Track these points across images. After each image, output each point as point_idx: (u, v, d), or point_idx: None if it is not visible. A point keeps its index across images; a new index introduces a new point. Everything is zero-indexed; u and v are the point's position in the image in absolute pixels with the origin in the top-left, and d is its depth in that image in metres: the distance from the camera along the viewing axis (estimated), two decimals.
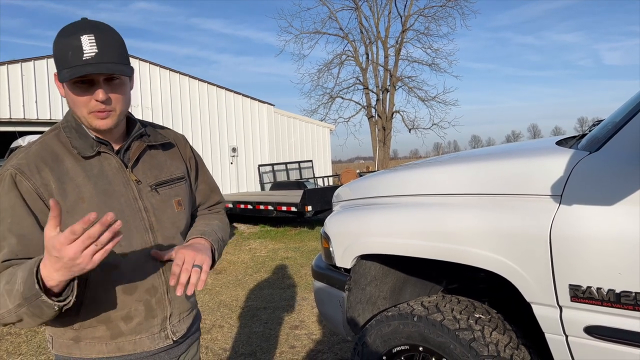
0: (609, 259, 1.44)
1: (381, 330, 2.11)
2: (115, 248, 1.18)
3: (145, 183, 1.37)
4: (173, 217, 1.41)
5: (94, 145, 1.29)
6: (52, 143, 1.29)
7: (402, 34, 28.83)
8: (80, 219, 1.09)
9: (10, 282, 1.09)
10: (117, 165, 1.33)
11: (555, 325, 1.58)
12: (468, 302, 2.04)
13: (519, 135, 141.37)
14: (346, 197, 2.62)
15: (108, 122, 1.26)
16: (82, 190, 1.25)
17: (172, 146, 1.50)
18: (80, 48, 1.18)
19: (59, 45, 1.21)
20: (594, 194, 1.51)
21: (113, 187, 1.30)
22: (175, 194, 1.43)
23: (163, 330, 1.38)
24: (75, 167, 1.27)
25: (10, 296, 1.08)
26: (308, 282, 6.14)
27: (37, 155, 1.25)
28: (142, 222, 1.33)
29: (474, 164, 2.01)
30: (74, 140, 1.29)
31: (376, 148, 28.52)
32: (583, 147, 1.67)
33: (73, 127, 1.31)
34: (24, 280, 1.07)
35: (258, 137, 18.02)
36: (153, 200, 1.37)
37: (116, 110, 1.27)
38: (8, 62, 12.75)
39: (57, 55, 1.21)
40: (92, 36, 1.19)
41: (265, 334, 4.40)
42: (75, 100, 1.23)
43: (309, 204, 9.82)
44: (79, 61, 1.18)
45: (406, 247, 2.01)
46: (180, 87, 16.02)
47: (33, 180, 1.21)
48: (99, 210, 1.22)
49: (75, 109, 1.25)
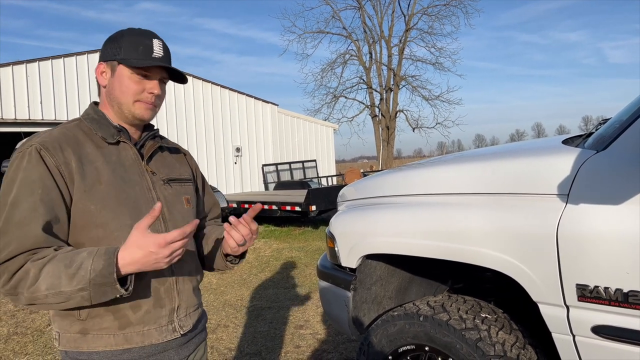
0: (616, 258, 1.43)
1: (387, 330, 2.10)
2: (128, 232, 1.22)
3: (159, 176, 1.45)
4: (183, 212, 1.47)
5: (115, 134, 1.38)
6: (74, 130, 1.36)
7: (405, 33, 28.80)
8: (97, 200, 1.28)
9: (72, 267, 1.14)
10: (134, 156, 1.41)
11: (562, 325, 1.57)
12: (474, 302, 2.04)
13: (523, 134, 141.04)
14: (351, 197, 2.62)
15: (151, 113, 1.40)
16: (101, 173, 1.31)
17: (179, 152, 1.62)
18: (151, 47, 1.36)
19: (130, 38, 1.36)
20: (601, 193, 1.51)
21: (129, 175, 1.37)
22: (185, 192, 1.52)
23: (170, 322, 1.39)
24: (95, 152, 1.34)
25: (73, 280, 1.13)
26: (313, 281, 6.14)
27: (60, 136, 1.32)
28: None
29: (479, 163, 2.00)
30: (96, 129, 1.37)
31: (380, 147, 28.49)
32: (590, 146, 1.66)
33: (94, 118, 1.39)
34: (97, 268, 1.13)
35: (262, 137, 18.03)
36: (166, 192, 1.44)
37: (157, 107, 1.42)
38: (13, 63, 12.80)
39: (126, 46, 1.35)
40: (160, 42, 1.39)
41: (270, 333, 4.40)
42: (128, 87, 1.35)
43: (313, 203, 9.83)
44: (149, 56, 1.35)
45: (412, 247, 2.00)
46: (184, 87, 16.03)
47: (56, 157, 1.26)
48: (114, 194, 1.31)
49: (123, 95, 1.36)
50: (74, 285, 1.13)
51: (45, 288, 1.14)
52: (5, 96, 12.66)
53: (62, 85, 13.50)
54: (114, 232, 1.29)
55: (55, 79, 13.40)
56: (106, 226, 1.28)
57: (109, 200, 1.29)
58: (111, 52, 1.37)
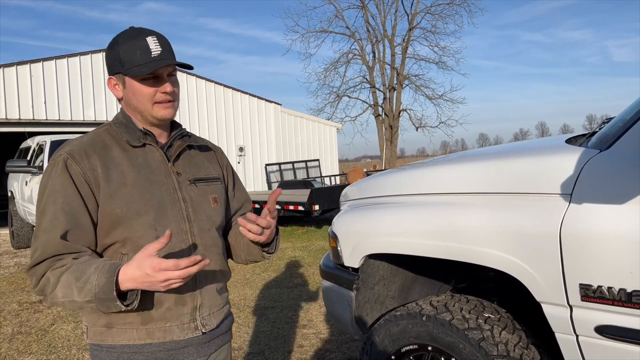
0: (619, 258, 1.43)
1: (390, 330, 2.10)
2: (151, 232, 1.34)
3: (185, 177, 1.47)
4: (209, 212, 1.49)
5: (141, 137, 1.41)
6: (103, 135, 1.42)
7: (408, 32, 28.77)
8: (122, 202, 1.33)
9: (80, 280, 1.20)
10: (160, 158, 1.44)
11: (565, 324, 1.57)
12: (477, 302, 2.04)
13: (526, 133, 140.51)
14: (354, 197, 2.62)
15: (171, 111, 1.42)
16: (126, 176, 1.35)
17: (209, 150, 1.63)
18: (148, 47, 1.34)
19: (125, 46, 1.35)
20: (604, 192, 1.50)
21: (155, 176, 1.40)
22: (212, 191, 1.53)
23: (193, 320, 1.42)
24: (121, 156, 1.38)
25: (81, 292, 1.20)
26: (316, 281, 6.15)
27: (88, 143, 1.37)
28: (180, 212, 1.41)
29: (482, 162, 2.00)
30: (123, 132, 1.41)
31: (383, 147, 28.48)
32: (593, 146, 1.66)
33: (123, 122, 1.43)
34: (100, 284, 1.18)
35: (265, 136, 18.04)
36: (192, 193, 1.46)
37: (175, 102, 1.43)
38: (17, 63, 12.84)
39: (123, 57, 1.35)
40: (154, 37, 1.36)
41: (274, 333, 4.40)
42: (142, 94, 1.37)
43: (316, 203, 9.82)
44: (148, 58, 1.33)
45: (415, 247, 2.00)
46: (188, 86, 16.06)
47: (82, 164, 1.32)
48: (140, 195, 1.35)
49: (140, 103, 1.38)
50: (82, 297, 1.20)
51: (62, 296, 1.23)
52: (10, 96, 12.70)
53: (66, 85, 13.54)
54: (138, 232, 1.33)
55: (59, 79, 13.43)
56: (131, 227, 1.33)
57: (133, 202, 1.34)
58: (115, 65, 1.38)
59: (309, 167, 18.45)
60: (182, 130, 1.53)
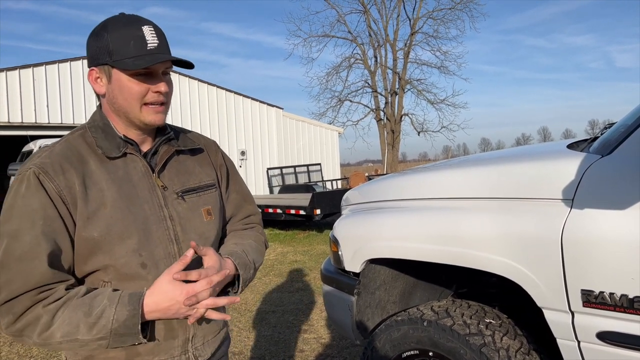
0: (621, 263, 1.42)
1: (391, 335, 2.09)
2: (136, 258, 1.17)
3: (172, 190, 1.28)
4: (201, 228, 1.31)
5: (121, 145, 1.22)
6: (77, 143, 1.22)
7: (410, 37, 28.80)
8: (101, 226, 1.15)
9: (92, 315, 1.07)
10: (144, 169, 1.25)
11: (567, 330, 1.56)
12: (478, 307, 2.03)
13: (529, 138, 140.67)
14: (355, 201, 2.62)
15: (162, 117, 1.23)
16: (105, 195, 1.17)
17: (201, 151, 1.42)
18: (144, 38, 1.15)
19: (115, 35, 1.15)
20: (605, 198, 1.50)
21: (137, 192, 1.22)
22: (204, 203, 1.34)
23: (184, 353, 1.27)
24: (99, 169, 1.19)
25: (92, 329, 1.07)
26: (317, 285, 6.13)
27: (62, 154, 1.17)
28: (167, 232, 1.24)
29: (484, 167, 2.00)
30: (100, 140, 1.21)
31: (385, 151, 28.47)
32: (595, 151, 1.65)
33: (100, 126, 1.23)
34: (121, 319, 1.07)
35: (267, 140, 18.07)
36: (179, 208, 1.27)
37: (167, 105, 1.24)
38: (20, 67, 12.90)
39: (113, 46, 1.15)
40: (151, 27, 1.18)
41: (274, 337, 4.39)
42: (131, 92, 1.17)
43: (317, 207, 9.82)
44: (144, 50, 1.15)
45: (416, 252, 2.00)
46: (190, 90, 16.11)
47: (57, 181, 1.13)
48: (121, 216, 1.17)
49: (127, 103, 1.18)
50: (93, 335, 1.07)
51: (61, 336, 1.06)
52: (12, 99, 12.76)
53: (68, 88, 13.60)
54: (120, 259, 1.17)
55: (61, 82, 13.49)
56: (112, 253, 1.16)
57: (113, 225, 1.16)
58: (100, 54, 1.17)
59: (310, 171, 18.47)
60: (169, 133, 1.32)
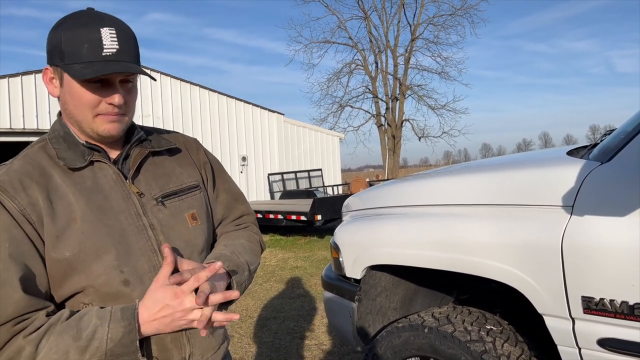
0: (621, 270, 1.42)
1: (392, 342, 2.09)
2: (116, 275, 1.06)
3: (150, 196, 1.17)
4: (187, 235, 1.19)
5: (85, 153, 1.11)
6: (38, 156, 1.10)
7: (411, 43, 28.87)
8: (72, 244, 1.03)
9: (82, 339, 0.96)
10: (115, 176, 1.13)
11: (567, 337, 1.56)
12: (479, 314, 2.03)
13: (530, 143, 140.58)
14: (356, 207, 2.62)
15: (117, 127, 1.10)
16: (74, 209, 1.06)
17: (179, 151, 1.31)
18: (100, 42, 1.03)
19: (69, 34, 1.04)
20: (605, 204, 1.50)
21: (110, 202, 1.11)
22: (188, 207, 1.22)
23: None
24: (64, 182, 1.08)
25: (85, 353, 0.96)
26: (318, 291, 6.13)
27: (21, 170, 1.06)
28: (149, 242, 1.12)
29: (485, 174, 2.00)
30: (62, 151, 1.10)
31: (386, 156, 28.48)
32: (594, 158, 1.66)
33: (61, 136, 1.12)
34: (116, 337, 0.97)
35: (268, 146, 18.10)
36: (160, 215, 1.16)
37: (126, 116, 1.13)
38: (22, 73, 12.95)
39: (65, 47, 1.03)
40: (113, 30, 1.05)
41: (275, 344, 4.39)
42: (81, 101, 1.06)
43: (318, 213, 9.82)
44: (97, 57, 1.03)
45: (417, 258, 2.00)
46: (191, 96, 16.16)
47: (18, 199, 1.01)
48: (93, 231, 1.06)
49: (78, 110, 1.08)
50: (86, 359, 0.97)
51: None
52: (14, 106, 12.80)
53: None
54: (99, 278, 1.05)
55: None
56: (88, 272, 1.04)
57: (87, 241, 1.04)
58: (54, 53, 1.06)
59: (311, 176, 18.48)
60: (141, 134, 1.20)
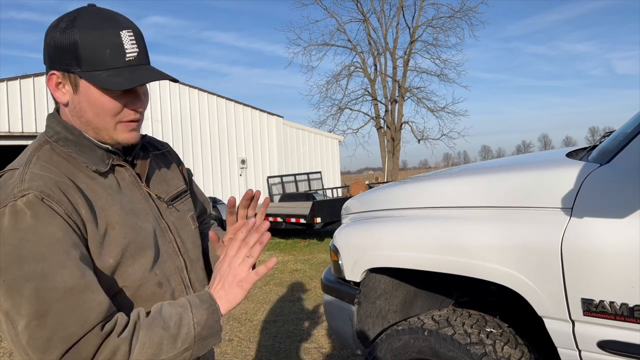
0: (621, 272, 1.42)
1: (391, 345, 2.09)
2: (152, 277, 1.06)
3: (162, 199, 1.17)
4: (193, 236, 1.21)
5: (105, 157, 1.06)
6: (53, 159, 1.01)
7: (410, 45, 28.93)
8: (114, 250, 0.99)
9: (171, 328, 0.95)
10: (131, 179, 1.10)
11: (567, 339, 1.56)
12: (479, 316, 2.02)
13: (529, 145, 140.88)
14: (355, 210, 2.62)
15: (137, 135, 1.08)
16: (108, 214, 1.01)
17: (166, 156, 1.29)
18: (122, 47, 0.98)
19: (87, 38, 0.96)
20: (605, 206, 1.50)
21: (136, 205, 1.08)
22: (188, 209, 1.23)
23: None
24: (92, 187, 1.02)
25: (176, 342, 0.95)
26: (317, 294, 6.12)
27: (49, 175, 0.97)
28: (171, 244, 1.12)
29: (484, 176, 2.00)
30: (78, 154, 1.03)
31: (385, 159, 28.50)
32: (594, 159, 1.66)
33: (70, 140, 1.04)
34: (202, 321, 0.98)
35: (267, 148, 18.11)
36: (172, 218, 1.16)
37: (142, 121, 1.10)
38: (20, 77, 12.95)
39: (84, 53, 0.96)
40: (131, 32, 1.00)
41: (275, 347, 4.38)
42: (104, 109, 1.00)
43: (318, 215, 9.82)
44: (121, 62, 0.98)
45: (416, 261, 1.99)
46: (190, 99, 16.16)
47: (64, 205, 0.94)
48: (133, 237, 1.03)
49: (99, 118, 1.02)
50: (178, 348, 0.95)
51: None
52: (13, 109, 12.80)
53: None
54: (136, 282, 1.03)
55: None
56: (126, 275, 1.02)
57: (128, 247, 1.02)
58: (65, 58, 0.98)
59: (310, 179, 18.48)
60: (145, 137, 1.20)
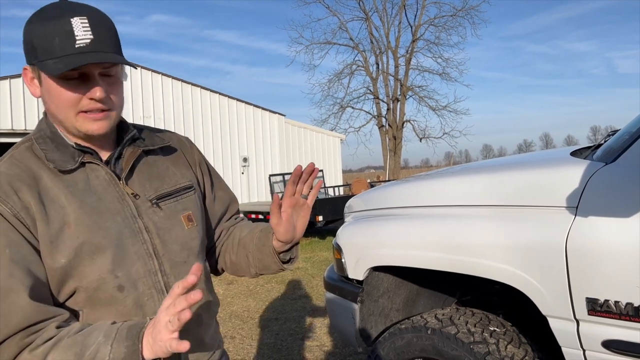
0: (626, 271, 1.42)
1: (394, 343, 2.09)
2: (111, 281, 1.02)
3: (144, 197, 1.12)
4: (182, 237, 1.15)
5: (76, 155, 1.05)
6: (25, 157, 1.04)
7: (412, 44, 28.86)
8: (67, 249, 0.98)
9: (83, 356, 0.89)
10: (107, 177, 1.08)
11: (572, 339, 1.55)
12: (482, 315, 2.02)
13: (530, 144, 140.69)
14: (358, 208, 2.61)
15: (103, 124, 1.04)
16: (67, 213, 1.00)
17: (174, 150, 1.25)
18: (72, 33, 0.96)
19: (40, 29, 0.98)
20: (610, 205, 1.49)
21: (105, 203, 1.05)
22: (184, 208, 1.18)
23: None
24: (55, 185, 1.02)
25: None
26: (320, 292, 6.12)
27: (9, 173, 1.00)
28: (144, 246, 1.08)
29: (487, 175, 2.00)
30: (50, 152, 1.04)
31: (387, 157, 28.46)
32: (598, 158, 1.65)
33: (48, 136, 1.06)
34: (117, 357, 0.88)
35: (269, 147, 18.10)
36: (155, 217, 1.12)
37: (112, 112, 1.05)
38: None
39: (37, 43, 0.97)
40: (84, 19, 0.98)
41: (277, 345, 4.38)
42: (61, 99, 1.00)
43: (320, 213, 9.81)
44: (71, 49, 0.96)
45: (419, 259, 1.99)
46: (192, 98, 16.15)
47: (10, 203, 0.96)
48: (89, 236, 1.01)
49: (59, 110, 1.02)
50: None
51: None
52: (16, 107, 12.82)
53: None
54: (93, 283, 1.01)
55: None
56: (83, 278, 1.00)
57: (82, 246, 1.00)
58: (28, 51, 1.00)
59: None
60: (133, 132, 1.15)
